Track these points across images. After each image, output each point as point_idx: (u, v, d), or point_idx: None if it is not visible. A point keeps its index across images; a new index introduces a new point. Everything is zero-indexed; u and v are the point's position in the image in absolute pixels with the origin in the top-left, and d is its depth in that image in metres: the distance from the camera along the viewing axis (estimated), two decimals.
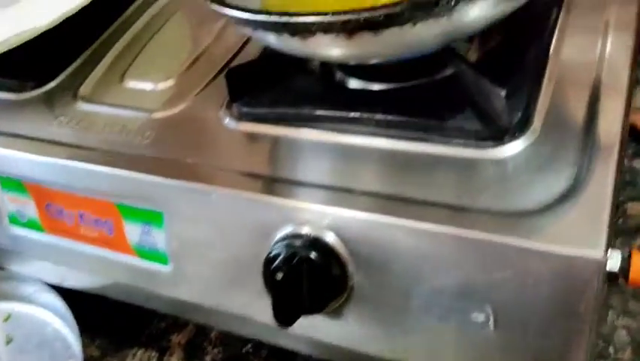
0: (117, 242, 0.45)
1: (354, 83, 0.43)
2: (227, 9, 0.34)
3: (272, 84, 0.44)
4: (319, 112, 0.41)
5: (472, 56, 0.40)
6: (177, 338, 0.51)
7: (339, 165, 0.39)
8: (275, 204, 0.38)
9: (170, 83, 0.50)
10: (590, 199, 0.32)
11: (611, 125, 0.35)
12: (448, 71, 0.40)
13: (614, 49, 0.41)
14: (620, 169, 0.35)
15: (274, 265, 0.35)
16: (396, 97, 0.41)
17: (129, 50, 0.55)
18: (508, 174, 0.35)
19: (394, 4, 0.29)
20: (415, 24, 0.30)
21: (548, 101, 0.37)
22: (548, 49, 0.41)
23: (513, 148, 0.35)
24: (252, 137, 0.43)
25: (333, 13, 0.30)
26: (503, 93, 0.33)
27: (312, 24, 0.31)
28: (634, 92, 0.42)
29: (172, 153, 0.43)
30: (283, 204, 0.38)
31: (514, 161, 0.35)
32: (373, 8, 0.29)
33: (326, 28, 0.31)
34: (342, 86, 0.43)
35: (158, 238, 0.43)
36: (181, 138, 0.45)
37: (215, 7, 0.35)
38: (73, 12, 0.50)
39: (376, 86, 0.42)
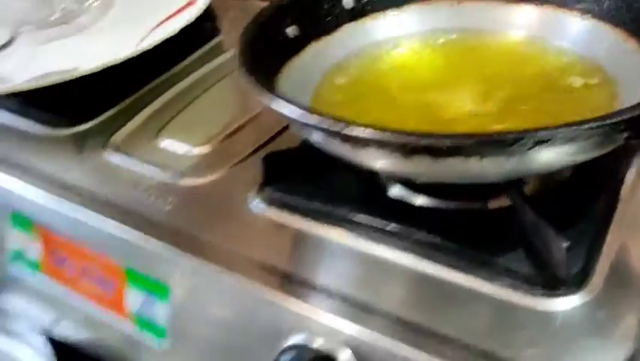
0: (117, 305, 0.42)
1: (396, 191, 0.41)
2: (276, 102, 0.32)
3: (309, 176, 0.41)
4: (354, 216, 0.38)
5: (534, 188, 0.37)
6: None
7: (368, 278, 0.36)
8: (289, 307, 0.35)
9: (205, 149, 0.48)
10: None
11: None
12: (505, 202, 0.37)
13: None
14: None
15: None
16: (441, 217, 0.38)
17: (170, 107, 0.53)
18: (556, 331, 0.31)
19: (466, 136, 0.26)
20: (481, 158, 0.28)
21: (614, 255, 0.34)
22: (619, 194, 0.38)
23: (567, 303, 0.32)
24: (279, 226, 0.40)
25: (393, 132, 0.27)
26: (565, 245, 0.30)
27: (367, 139, 0.28)
28: None
29: (191, 226, 0.41)
30: (299, 308, 0.35)
31: (565, 317, 0.31)
32: (440, 135, 0.27)
33: (382, 145, 0.28)
34: (383, 193, 0.40)
35: (160, 311, 0.40)
36: (204, 211, 0.42)
37: (263, 98, 0.33)
38: (118, 62, 0.49)
39: (421, 201, 0.39)
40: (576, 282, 0.32)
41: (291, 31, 0.44)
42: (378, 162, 0.31)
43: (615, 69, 0.39)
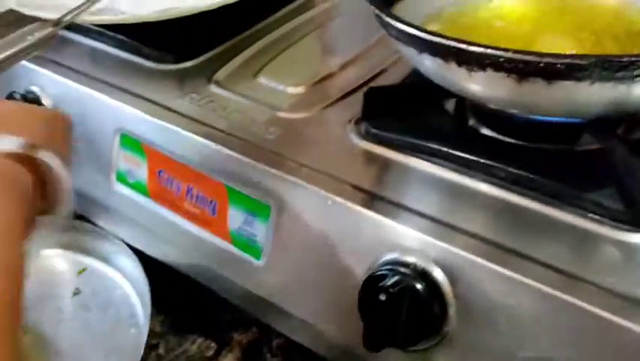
0: (217, 224, 0.45)
1: (486, 132, 0.43)
2: (403, 25, 0.34)
3: (405, 113, 0.44)
4: (448, 150, 0.41)
5: (627, 132, 0.39)
6: (239, 337, 0.51)
7: (460, 205, 0.38)
8: (386, 226, 0.38)
9: (300, 90, 0.51)
10: None
11: None
12: (591, 145, 0.39)
13: None
14: None
15: (379, 285, 0.34)
16: (530, 155, 0.40)
17: (267, 52, 0.57)
18: (639, 263, 0.33)
19: (583, 56, 0.28)
20: (593, 83, 0.30)
21: None
22: None
23: None
24: (374, 157, 0.43)
25: (515, 51, 0.29)
26: None
27: (488, 57, 0.31)
28: None
29: (293, 153, 0.44)
30: (394, 227, 0.37)
31: None
32: (558, 55, 0.29)
33: (500, 66, 0.31)
34: (475, 132, 0.43)
35: (259, 231, 0.43)
36: (304, 141, 0.45)
37: (392, 21, 0.35)
38: (232, 1, 0.52)
39: (511, 140, 0.41)
40: None
41: None
42: (489, 88, 0.33)
43: None
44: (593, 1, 0.47)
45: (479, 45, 0.31)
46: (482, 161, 0.39)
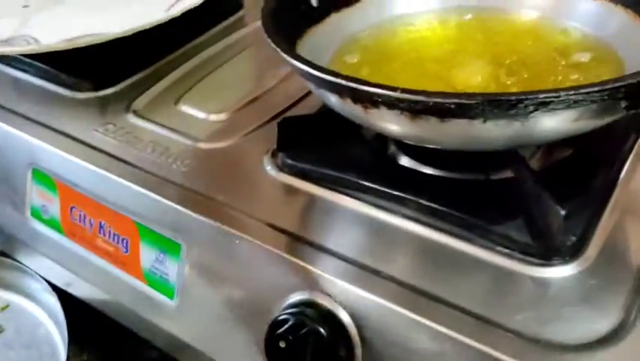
0: (130, 262, 0.43)
1: (405, 161, 0.42)
2: (297, 61, 0.33)
3: (322, 143, 0.43)
4: (363, 182, 0.40)
5: (537, 163, 0.38)
6: None
7: (372, 242, 0.37)
8: (294, 266, 0.36)
9: (222, 116, 0.50)
10: (631, 350, 0.29)
11: None
12: (507, 173, 0.38)
13: None
14: None
15: (280, 331, 0.32)
16: (445, 186, 0.39)
17: (190, 77, 0.55)
18: (549, 299, 0.32)
19: (470, 95, 0.27)
20: (485, 121, 0.29)
21: (608, 231, 0.35)
22: (619, 174, 0.38)
23: (561, 272, 0.33)
24: (290, 190, 0.42)
25: (403, 90, 0.28)
26: (563, 213, 0.31)
27: (379, 96, 0.29)
28: None
29: (206, 187, 0.42)
30: (303, 267, 0.36)
31: (559, 286, 0.32)
32: (448, 94, 0.28)
33: (391, 104, 0.30)
34: (393, 161, 0.42)
35: (171, 270, 0.41)
36: (219, 174, 0.44)
37: (286, 56, 0.34)
38: (148, 27, 0.50)
39: (428, 170, 0.40)
40: (571, 252, 0.33)
41: (314, 0, 0.46)
42: (386, 123, 0.32)
43: (624, 49, 0.39)
44: (512, 23, 0.46)
45: (369, 84, 0.30)
46: (397, 194, 0.38)
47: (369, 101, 0.30)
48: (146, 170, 0.44)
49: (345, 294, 0.34)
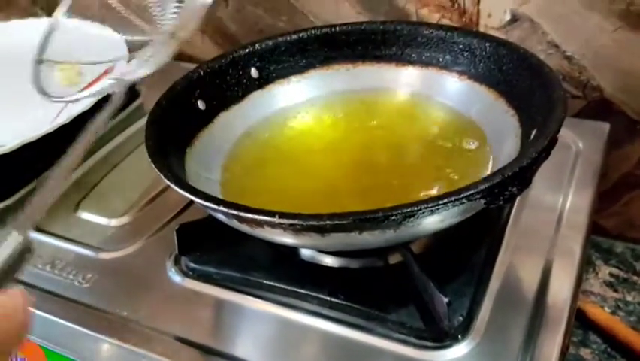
0: None
1: (306, 254, 0.43)
2: (178, 188, 0.34)
3: (223, 244, 0.43)
4: (266, 281, 0.41)
5: (423, 245, 0.41)
6: None
7: (279, 343, 0.38)
8: None
9: (124, 220, 0.50)
10: None
11: (550, 348, 0.35)
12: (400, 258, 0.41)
13: (563, 252, 0.42)
14: None
15: None
16: (345, 276, 0.41)
17: (89, 178, 0.55)
18: None
19: (342, 216, 0.29)
20: (361, 233, 0.31)
21: (492, 305, 0.38)
22: (498, 249, 0.42)
23: (455, 352, 0.35)
24: (195, 296, 0.42)
25: (281, 215, 0.30)
26: (446, 300, 0.34)
27: (260, 221, 0.31)
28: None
29: (110, 303, 0.42)
30: None
31: None
32: (321, 216, 0.30)
33: (273, 225, 0.31)
34: (294, 255, 0.43)
35: None
36: (123, 286, 0.43)
37: (169, 183, 0.35)
38: (35, 138, 0.50)
39: (328, 260, 0.42)
40: (460, 332, 0.36)
41: (201, 103, 0.47)
42: (275, 237, 0.33)
43: (488, 126, 0.43)
44: (388, 103, 0.49)
45: (249, 210, 0.31)
46: (298, 290, 0.40)
47: (254, 222, 0.32)
48: (48, 290, 0.44)
49: None
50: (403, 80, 0.50)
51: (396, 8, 0.60)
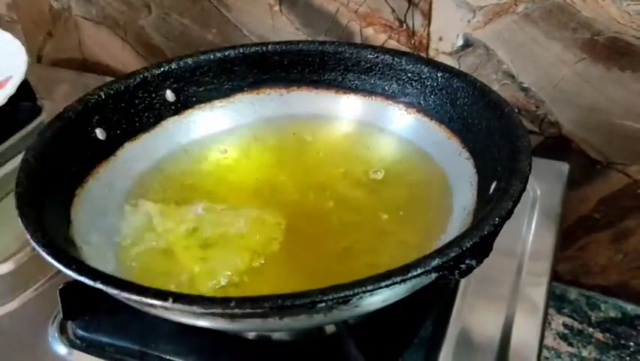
0: None
1: None
2: (54, 261, 0.26)
3: (120, 305, 0.35)
4: (170, 357, 0.33)
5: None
6: None
7: None
8: None
9: (10, 266, 0.42)
10: None
11: None
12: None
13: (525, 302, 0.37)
14: None
15: None
16: (269, 350, 0.34)
17: None
18: None
19: (255, 301, 0.22)
20: (282, 318, 0.24)
21: None
22: (449, 314, 0.36)
23: None
24: None
25: (175, 299, 0.23)
26: None
27: (153, 304, 0.24)
28: None
29: None
30: None
31: None
32: (227, 301, 0.22)
33: (167, 309, 0.24)
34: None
35: None
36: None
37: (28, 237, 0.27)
38: None
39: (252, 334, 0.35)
40: None
41: (100, 132, 0.39)
42: (178, 318, 0.26)
43: (442, 162, 0.37)
44: (328, 137, 0.43)
45: (133, 289, 0.24)
46: None
47: (143, 304, 0.24)
48: None
49: None
50: (344, 110, 0.43)
51: (339, 26, 0.53)
